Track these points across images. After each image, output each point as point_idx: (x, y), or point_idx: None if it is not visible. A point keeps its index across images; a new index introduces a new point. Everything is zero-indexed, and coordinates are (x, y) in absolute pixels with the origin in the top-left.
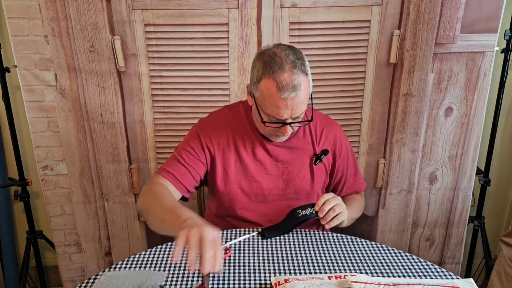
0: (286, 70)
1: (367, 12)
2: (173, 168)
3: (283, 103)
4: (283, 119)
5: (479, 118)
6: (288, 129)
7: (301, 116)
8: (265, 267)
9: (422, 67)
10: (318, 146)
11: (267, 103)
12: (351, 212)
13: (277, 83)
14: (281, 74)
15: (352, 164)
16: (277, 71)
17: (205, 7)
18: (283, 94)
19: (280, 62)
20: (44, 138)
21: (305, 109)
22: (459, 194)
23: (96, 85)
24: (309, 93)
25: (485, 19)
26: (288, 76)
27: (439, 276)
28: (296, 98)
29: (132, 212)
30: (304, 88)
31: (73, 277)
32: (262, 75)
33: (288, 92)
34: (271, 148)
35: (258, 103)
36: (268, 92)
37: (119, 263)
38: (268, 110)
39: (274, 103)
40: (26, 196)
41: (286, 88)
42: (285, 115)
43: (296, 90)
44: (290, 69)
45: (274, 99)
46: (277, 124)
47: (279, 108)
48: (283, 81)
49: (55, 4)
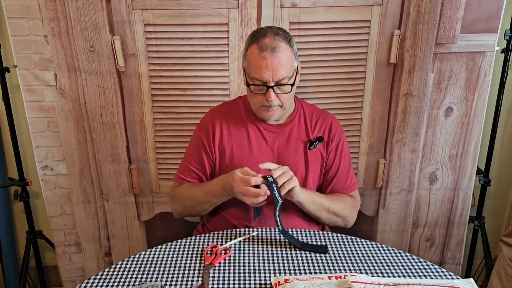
0: (268, 36)
1: (367, 12)
2: (184, 174)
3: (263, 63)
4: (265, 80)
5: (479, 118)
6: (271, 93)
7: (284, 82)
8: (265, 267)
9: (422, 67)
10: (313, 134)
11: (251, 66)
12: (316, 195)
13: (258, 45)
14: (263, 39)
15: (347, 160)
16: (260, 38)
17: (205, 7)
18: (263, 54)
19: (265, 32)
20: (44, 138)
21: (286, 74)
22: (459, 194)
23: (96, 85)
24: (291, 62)
25: (485, 19)
26: (268, 40)
27: (439, 276)
28: (275, 59)
29: (132, 212)
30: (284, 52)
31: (73, 277)
32: (249, 45)
33: (268, 52)
34: (267, 134)
35: (246, 72)
36: (251, 56)
37: (119, 263)
38: (252, 73)
39: (256, 64)
40: (26, 196)
41: (265, 48)
42: (266, 76)
43: (275, 51)
44: (272, 36)
45: (256, 60)
46: (262, 90)
47: (260, 69)
48: (264, 43)
49: (55, 4)
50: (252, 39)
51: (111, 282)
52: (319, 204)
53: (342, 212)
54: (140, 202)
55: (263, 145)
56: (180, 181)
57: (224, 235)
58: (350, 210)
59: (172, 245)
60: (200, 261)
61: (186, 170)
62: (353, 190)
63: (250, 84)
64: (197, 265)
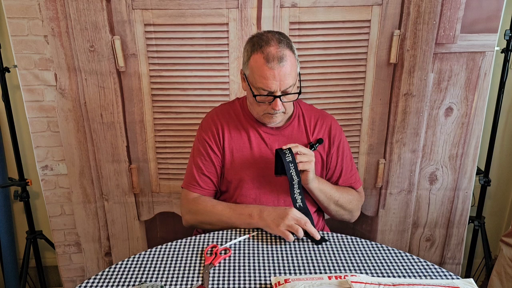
0: (272, 44)
1: (367, 12)
2: (195, 180)
3: (271, 73)
4: (272, 90)
5: (479, 118)
6: (278, 103)
7: (290, 90)
8: (265, 267)
9: (422, 67)
10: (312, 136)
11: (256, 76)
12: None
13: (264, 55)
14: (268, 48)
15: (349, 158)
16: (264, 46)
17: (205, 7)
18: (270, 65)
19: (267, 39)
20: (44, 138)
21: (292, 82)
22: (459, 194)
23: (96, 85)
24: (295, 69)
25: (485, 19)
26: (274, 49)
27: (439, 276)
28: (282, 69)
29: (132, 212)
30: (290, 60)
31: (73, 277)
32: (251, 53)
33: (275, 62)
34: (266, 137)
35: (249, 80)
36: (256, 65)
37: (119, 263)
38: (258, 83)
39: (262, 74)
40: (26, 196)
41: (272, 59)
42: (273, 86)
43: (282, 60)
44: (275, 43)
45: (262, 70)
46: (268, 99)
47: (267, 79)
48: (269, 53)
49: (55, 4)
50: (255, 47)
51: (111, 282)
52: (329, 196)
53: (348, 206)
54: (140, 202)
55: (263, 148)
56: (194, 190)
57: (224, 235)
58: (357, 205)
59: (172, 245)
60: (200, 261)
61: (198, 176)
62: (358, 187)
63: (256, 95)
64: (197, 265)
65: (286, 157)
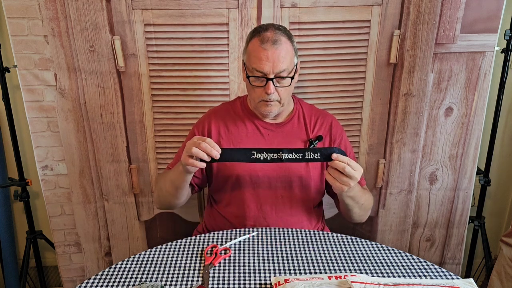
0: (270, 30)
1: (367, 12)
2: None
3: (264, 54)
4: (265, 71)
5: (479, 118)
6: (271, 86)
7: (284, 74)
8: (265, 267)
9: (422, 67)
10: (312, 133)
11: (251, 57)
12: (358, 191)
13: (259, 37)
14: (265, 32)
15: (352, 156)
16: (262, 31)
17: (205, 7)
18: (264, 45)
19: (266, 27)
20: (44, 138)
21: (286, 67)
22: (460, 194)
23: (96, 85)
24: (291, 56)
25: (485, 19)
26: (270, 33)
27: (439, 276)
28: (276, 51)
29: (132, 212)
30: (285, 46)
31: (73, 277)
32: (250, 39)
33: (269, 44)
34: (265, 132)
35: (246, 64)
36: (252, 48)
37: (119, 263)
38: (252, 63)
39: (256, 55)
40: (26, 196)
41: (267, 40)
42: (266, 67)
43: (276, 43)
44: (273, 29)
45: (256, 51)
46: (261, 83)
47: (261, 60)
48: (265, 36)
49: (55, 4)
50: (254, 33)
51: (111, 282)
52: (357, 201)
53: (368, 206)
54: (140, 202)
55: (261, 142)
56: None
57: (224, 235)
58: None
59: (172, 245)
60: (200, 261)
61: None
62: (363, 185)
63: (249, 76)
64: (197, 265)
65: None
